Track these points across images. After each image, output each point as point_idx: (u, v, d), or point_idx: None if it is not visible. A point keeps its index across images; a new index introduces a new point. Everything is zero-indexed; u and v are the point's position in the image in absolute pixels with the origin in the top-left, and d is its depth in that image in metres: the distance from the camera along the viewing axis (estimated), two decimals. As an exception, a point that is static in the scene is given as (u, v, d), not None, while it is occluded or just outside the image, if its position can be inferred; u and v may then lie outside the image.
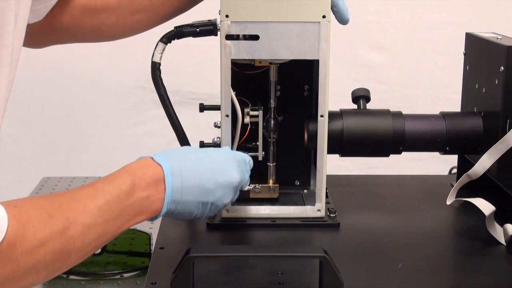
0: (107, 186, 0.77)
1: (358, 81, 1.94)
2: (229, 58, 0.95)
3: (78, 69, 1.96)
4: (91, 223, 0.73)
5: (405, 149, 1.05)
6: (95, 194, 0.75)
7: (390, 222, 1.03)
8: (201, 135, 1.05)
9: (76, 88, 1.98)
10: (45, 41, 1.02)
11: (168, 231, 0.97)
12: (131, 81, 1.98)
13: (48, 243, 0.69)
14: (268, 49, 0.95)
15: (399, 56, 2.00)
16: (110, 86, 1.99)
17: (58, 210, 0.71)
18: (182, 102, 1.91)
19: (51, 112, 1.99)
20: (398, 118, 1.04)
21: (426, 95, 2.00)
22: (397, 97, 1.99)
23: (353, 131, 1.03)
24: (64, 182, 1.41)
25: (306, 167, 1.10)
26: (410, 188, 1.18)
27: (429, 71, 2.01)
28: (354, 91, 1.08)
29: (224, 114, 0.97)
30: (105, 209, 0.75)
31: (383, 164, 1.80)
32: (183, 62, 1.93)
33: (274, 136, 1.05)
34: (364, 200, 1.11)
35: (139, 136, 2.01)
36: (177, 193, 0.82)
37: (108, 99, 1.99)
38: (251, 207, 1.01)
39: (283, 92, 1.06)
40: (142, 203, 0.79)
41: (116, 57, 1.94)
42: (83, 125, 2.00)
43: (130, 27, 1.02)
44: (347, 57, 1.97)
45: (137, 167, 0.81)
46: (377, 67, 2.01)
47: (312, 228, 0.99)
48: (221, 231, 0.99)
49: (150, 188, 0.80)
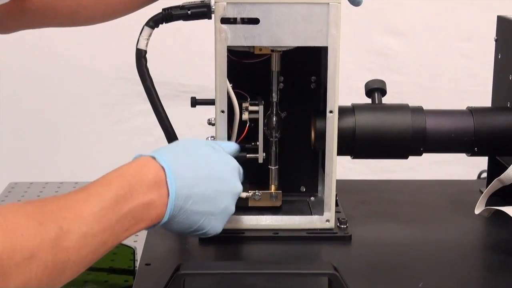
0: (102, 190, 0.77)
1: (372, 72, 1.94)
2: (224, 45, 0.95)
3: (50, 57, 1.96)
4: (87, 232, 0.73)
5: (427, 150, 1.05)
6: (90, 199, 0.75)
7: (409, 235, 1.02)
8: (193, 134, 1.05)
9: (49, 79, 1.97)
10: (13, 25, 1.02)
11: (155, 245, 0.97)
12: (112, 71, 1.98)
13: (39, 254, 0.69)
14: (270, 35, 0.94)
15: (419, 42, 2.00)
16: (88, 77, 1.99)
17: (49, 217, 0.71)
18: (171, 96, 1.91)
19: (19, 107, 1.99)
20: (419, 114, 1.04)
21: (450, 88, 2.00)
22: (417, 90, 2.00)
23: (367, 129, 1.02)
24: (34, 188, 1.41)
25: (313, 171, 1.10)
26: (432, 195, 1.17)
27: (454, 60, 2.01)
28: (368, 83, 1.08)
29: (219, 109, 0.97)
30: (101, 216, 0.75)
31: (401, 168, 1.80)
32: (173, 49, 1.93)
33: (276, 135, 1.05)
34: (379, 209, 1.11)
35: (122, 134, 2.01)
36: (182, 199, 0.82)
37: (85, 92, 1.99)
38: (250, 217, 1.01)
39: (286, 84, 1.06)
40: (143, 209, 0.79)
41: (95, 43, 1.94)
42: (57, 123, 2.00)
43: (111, 9, 1.02)
44: (360, 44, 1.97)
45: (135, 168, 0.81)
46: (394, 55, 2.01)
47: (319, 241, 0.99)
48: (215, 245, 0.98)
49: (151, 192, 0.80)
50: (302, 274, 0.83)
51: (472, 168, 1.28)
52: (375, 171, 1.92)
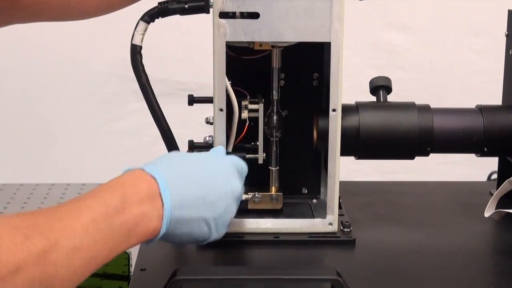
0: (93, 202, 0.77)
1: (377, 68, 1.94)
2: (223, 41, 0.95)
3: (41, 53, 1.96)
4: (76, 246, 0.73)
5: (434, 150, 1.05)
6: (79, 211, 0.75)
7: (415, 239, 1.02)
8: (190, 133, 1.05)
9: (40, 76, 1.97)
10: (3, 19, 1.02)
11: (151, 249, 0.97)
12: (106, 68, 1.98)
13: (25, 269, 0.68)
14: (270, 30, 0.95)
15: (426, 38, 2.00)
16: (81, 73, 1.99)
17: (36, 230, 0.71)
18: (167, 93, 1.91)
19: (9, 105, 1.98)
20: (425, 113, 1.04)
21: (459, 85, 2.00)
22: (424, 87, 2.00)
23: (371, 128, 1.02)
24: (24, 189, 1.41)
25: (315, 172, 1.10)
26: (440, 197, 1.18)
27: (462, 56, 2.01)
28: (372, 80, 1.08)
29: (218, 108, 0.97)
30: (92, 228, 0.75)
31: (407, 169, 1.80)
32: (169, 45, 1.93)
33: (277, 134, 1.05)
34: (384, 211, 1.11)
35: (116, 134, 2.01)
36: (178, 209, 0.82)
37: (78, 90, 1.99)
38: (250, 220, 1.01)
39: (287, 81, 1.06)
40: (137, 222, 0.79)
41: (88, 39, 1.94)
42: (48, 121, 2.00)
43: (106, 3, 1.02)
44: (364, 39, 1.97)
45: (127, 181, 0.81)
46: (400, 51, 2.01)
47: (322, 246, 0.99)
48: (213, 249, 0.98)
49: (144, 204, 0.80)
50: (303, 280, 0.83)
51: (481, 169, 1.28)
52: (380, 172, 1.92)
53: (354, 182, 1.24)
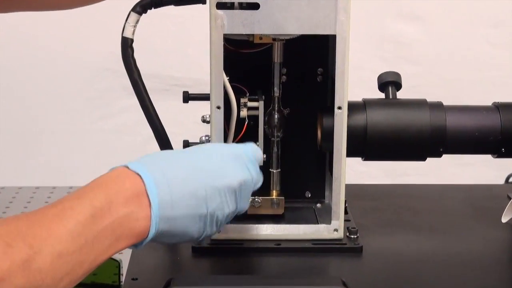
0: (76, 204, 0.77)
1: (386, 62, 1.94)
2: (221, 33, 0.95)
3: (28, 46, 1.96)
4: (61, 252, 0.73)
5: (447, 150, 1.05)
6: (63, 214, 0.75)
7: (427, 246, 1.02)
8: (186, 133, 1.05)
9: (24, 70, 1.97)
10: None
11: (143, 257, 0.97)
12: (95, 62, 1.98)
13: (9, 279, 0.68)
14: (271, 22, 0.95)
15: (439, 29, 2.00)
16: (69, 68, 1.99)
17: (18, 237, 0.71)
18: (161, 90, 1.91)
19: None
20: (438, 111, 1.04)
21: (474, 80, 2.00)
22: (436, 83, 2.00)
23: (380, 127, 1.03)
24: (6, 193, 1.41)
25: (320, 175, 1.10)
26: (454, 201, 1.18)
27: (479, 49, 2.01)
28: (381, 75, 1.08)
29: (215, 105, 0.97)
30: (77, 232, 0.74)
31: (418, 171, 1.80)
32: (163, 38, 1.93)
33: (278, 134, 1.05)
34: (393, 217, 1.11)
35: (105, 133, 2.01)
36: (167, 207, 0.82)
37: (66, 86, 1.99)
38: (249, 226, 1.01)
39: (290, 77, 1.06)
40: (123, 224, 0.79)
41: (77, 31, 1.94)
42: (32, 120, 2.00)
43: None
44: (372, 31, 1.97)
45: (111, 179, 0.81)
46: (411, 44, 2.01)
47: (327, 254, 0.99)
48: (210, 257, 0.98)
49: (130, 204, 0.80)
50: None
51: (498, 171, 1.28)
52: (388, 175, 1.92)
53: (361, 185, 1.24)
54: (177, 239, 0.85)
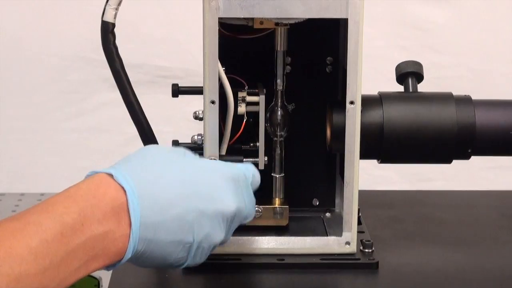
0: (43, 218, 0.76)
1: (406, 51, 1.94)
2: (216, 17, 0.95)
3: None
4: (21, 274, 0.72)
5: (476, 151, 1.05)
6: (26, 230, 0.75)
7: (452, 261, 1.03)
8: (175, 131, 1.06)
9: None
10: None
11: (126, 274, 0.97)
12: (70, 50, 1.98)
13: None
14: (274, 4, 0.95)
15: (467, 13, 2.00)
16: (40, 57, 1.99)
17: None
18: (147, 82, 1.91)
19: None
20: (466, 106, 1.05)
21: (508, 72, 2.00)
22: (464, 74, 2.00)
23: (398, 125, 1.03)
24: (-34, 201, 1.42)
25: (329, 180, 1.10)
26: (484, 210, 1.18)
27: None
28: (399, 65, 1.09)
29: (209, 100, 0.97)
30: (41, 252, 0.74)
31: (443, 175, 1.80)
32: (148, 22, 1.93)
33: (282, 133, 1.05)
34: (414, 228, 1.12)
35: (82, 132, 2.01)
36: (149, 229, 0.82)
37: (36, 77, 1.99)
38: (249, 238, 1.02)
39: (295, 67, 1.07)
40: (97, 244, 0.79)
41: (49, 15, 1.94)
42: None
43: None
44: (389, 15, 1.97)
45: (89, 190, 0.81)
46: (434, 29, 2.01)
47: (337, 270, 1.00)
48: (203, 275, 0.98)
49: (108, 221, 0.80)
50: (315, 312, 0.84)
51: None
52: (409, 180, 1.92)
53: (377, 191, 1.25)
54: (155, 263, 0.85)
